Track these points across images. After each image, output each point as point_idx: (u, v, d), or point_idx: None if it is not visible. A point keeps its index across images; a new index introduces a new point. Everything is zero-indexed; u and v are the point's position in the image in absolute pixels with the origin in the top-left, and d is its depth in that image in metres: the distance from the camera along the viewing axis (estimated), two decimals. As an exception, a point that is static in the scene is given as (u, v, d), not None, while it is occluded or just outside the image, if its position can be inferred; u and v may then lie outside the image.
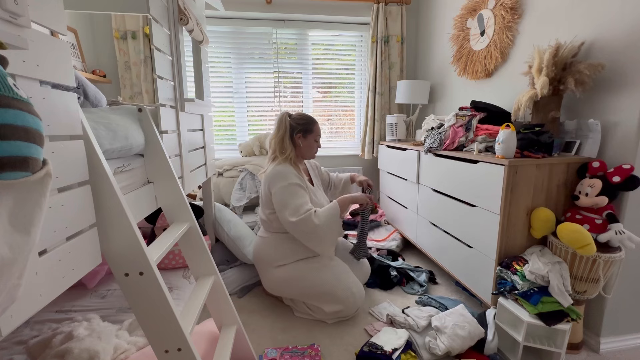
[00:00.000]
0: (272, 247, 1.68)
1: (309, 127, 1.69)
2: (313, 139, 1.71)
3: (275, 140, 1.67)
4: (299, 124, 1.67)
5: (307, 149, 1.71)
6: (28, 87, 0.54)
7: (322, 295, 1.59)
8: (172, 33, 1.33)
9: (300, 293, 1.64)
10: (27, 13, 0.53)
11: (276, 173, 1.60)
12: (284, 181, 1.57)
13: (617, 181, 1.26)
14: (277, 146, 1.66)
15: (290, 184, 1.57)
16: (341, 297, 1.58)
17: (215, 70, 2.87)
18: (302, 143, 1.68)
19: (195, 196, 2.52)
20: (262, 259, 1.72)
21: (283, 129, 1.65)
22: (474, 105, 1.84)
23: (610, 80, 1.35)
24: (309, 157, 1.76)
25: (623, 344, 1.46)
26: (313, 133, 1.71)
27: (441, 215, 1.89)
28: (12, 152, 0.41)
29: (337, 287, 1.59)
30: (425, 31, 2.85)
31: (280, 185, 1.56)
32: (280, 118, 1.67)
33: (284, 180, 1.57)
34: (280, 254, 1.66)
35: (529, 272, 1.32)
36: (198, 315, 0.93)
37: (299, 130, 1.66)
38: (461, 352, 1.36)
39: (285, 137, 1.65)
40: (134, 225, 0.75)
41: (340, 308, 1.58)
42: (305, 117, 1.71)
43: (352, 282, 1.64)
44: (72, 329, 1.09)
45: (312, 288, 1.60)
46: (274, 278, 1.67)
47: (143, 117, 1.06)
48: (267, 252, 1.69)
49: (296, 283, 1.62)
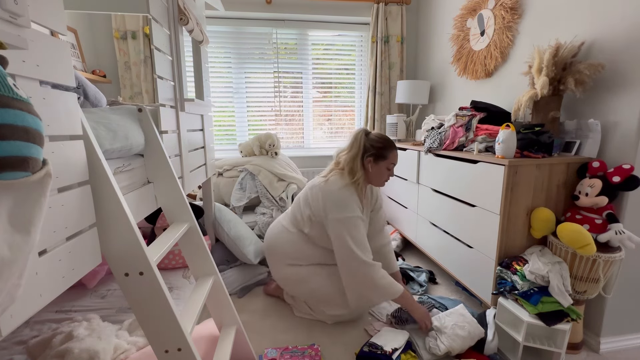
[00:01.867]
0: (294, 245, 1.61)
1: (383, 152, 1.50)
2: (385, 166, 1.52)
3: (346, 159, 1.52)
4: (373, 147, 1.50)
5: (376, 177, 1.54)
6: (28, 87, 0.54)
7: (327, 300, 1.58)
8: (172, 33, 1.33)
9: (305, 294, 1.63)
10: (27, 13, 0.53)
11: (342, 198, 1.46)
12: (348, 212, 1.44)
13: (617, 181, 1.26)
14: (347, 165, 1.51)
15: (354, 217, 1.45)
16: (345, 304, 1.55)
17: (215, 70, 2.87)
18: (371, 169, 1.51)
19: (195, 196, 2.52)
20: (279, 251, 1.66)
21: (357, 148, 1.49)
22: (474, 105, 1.84)
23: (610, 80, 1.35)
24: (377, 184, 1.59)
25: (623, 344, 1.46)
26: (387, 160, 1.51)
27: (441, 215, 1.89)
28: (12, 152, 0.41)
29: (343, 294, 1.55)
30: (425, 31, 2.85)
31: (344, 216, 1.44)
32: (356, 135, 1.51)
33: (348, 210, 1.45)
34: (299, 254, 1.61)
35: (529, 272, 1.32)
36: (198, 315, 0.93)
37: (371, 154, 1.49)
38: (461, 352, 1.36)
39: (357, 158, 1.49)
40: (134, 225, 0.75)
41: (342, 312, 1.57)
42: (384, 141, 1.52)
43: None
44: (72, 329, 1.09)
45: (318, 291, 1.58)
46: (286, 274, 1.65)
47: (143, 117, 1.06)
48: (287, 247, 1.63)
49: (305, 284, 1.60)
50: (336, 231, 1.46)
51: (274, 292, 1.84)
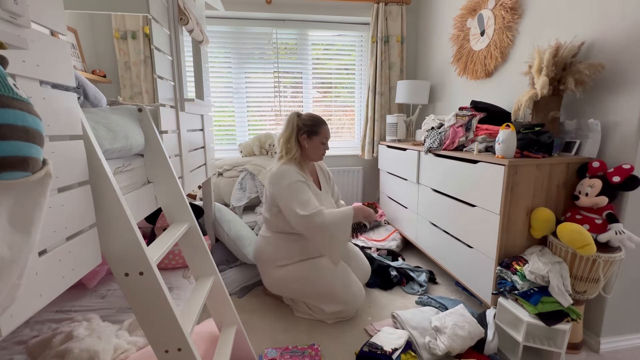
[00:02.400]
0: (274, 247, 1.68)
1: (315, 128, 1.66)
2: (319, 141, 1.67)
3: (283, 139, 1.66)
4: (305, 125, 1.65)
5: (313, 151, 1.68)
6: (28, 87, 0.54)
7: (323, 296, 1.59)
8: (172, 33, 1.33)
9: (300, 293, 1.65)
10: (27, 13, 0.53)
11: (280, 172, 1.60)
12: (287, 179, 1.56)
13: (617, 181, 1.26)
14: (283, 146, 1.66)
15: (294, 182, 1.56)
16: (342, 297, 1.58)
17: (215, 70, 2.87)
18: (307, 145, 1.65)
19: (195, 196, 2.52)
20: (264, 258, 1.72)
21: (290, 129, 1.65)
22: (474, 105, 1.84)
23: (610, 80, 1.35)
24: (315, 159, 1.73)
25: (623, 344, 1.46)
26: (319, 135, 1.67)
27: (441, 215, 1.89)
28: (12, 152, 0.41)
29: (337, 287, 1.59)
30: (425, 31, 2.85)
31: (285, 184, 1.55)
32: (289, 118, 1.66)
33: (287, 178, 1.57)
34: (281, 254, 1.66)
35: (529, 272, 1.32)
36: (198, 315, 0.93)
37: (304, 132, 1.64)
38: (461, 352, 1.36)
39: (291, 138, 1.64)
40: (134, 225, 0.75)
41: (340, 308, 1.58)
42: (314, 119, 1.68)
43: (353, 282, 1.64)
44: (72, 329, 1.09)
45: (312, 288, 1.60)
46: (275, 277, 1.67)
47: (143, 117, 1.06)
48: (269, 251, 1.69)
49: (297, 283, 1.62)
50: (284, 203, 1.55)
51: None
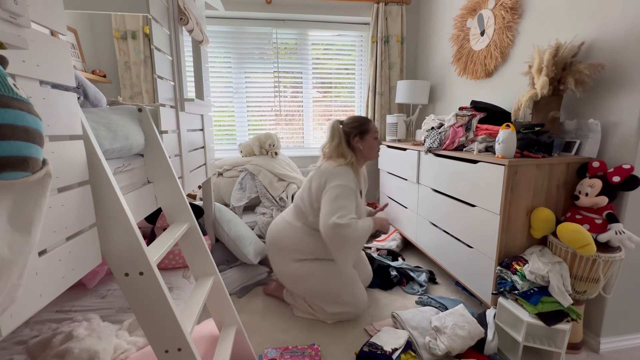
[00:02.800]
0: (299, 239, 1.64)
1: (363, 127, 1.63)
2: (372, 137, 1.65)
3: (330, 148, 1.63)
4: (353, 128, 1.63)
5: (369, 150, 1.65)
6: (28, 87, 0.54)
7: (328, 296, 1.60)
8: (172, 33, 1.33)
9: (308, 290, 1.64)
10: (27, 13, 0.53)
11: (339, 172, 1.55)
12: (343, 181, 1.52)
13: (617, 181, 1.26)
14: (333, 152, 1.62)
15: (349, 187, 1.52)
16: (346, 301, 1.59)
17: (215, 70, 2.87)
18: (361, 146, 1.63)
19: (195, 196, 2.52)
20: (283, 246, 1.68)
21: (337, 137, 1.62)
22: (474, 105, 1.83)
23: (610, 80, 1.35)
24: (372, 157, 1.68)
25: (623, 344, 1.46)
26: (370, 132, 1.64)
27: (441, 215, 1.89)
28: (12, 152, 0.41)
29: (344, 291, 1.59)
30: (425, 31, 2.85)
31: (339, 183, 1.51)
32: (332, 127, 1.64)
33: (344, 180, 1.53)
34: (304, 248, 1.63)
35: (529, 272, 1.32)
36: (198, 315, 0.93)
37: (355, 134, 1.62)
38: (461, 352, 1.36)
39: (341, 144, 1.62)
40: (134, 225, 0.75)
41: (342, 310, 1.59)
42: (358, 119, 1.66)
43: (359, 289, 1.64)
44: (72, 329, 1.09)
45: (320, 287, 1.60)
46: (288, 270, 1.66)
47: (143, 117, 1.06)
48: (292, 241, 1.66)
49: (307, 280, 1.62)
50: (327, 199, 1.51)
51: (274, 292, 1.84)
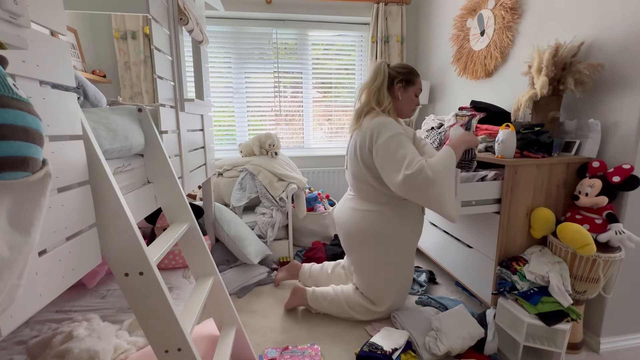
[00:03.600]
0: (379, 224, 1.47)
1: (412, 77, 1.49)
2: (414, 92, 1.50)
3: (370, 90, 1.47)
4: (400, 73, 1.48)
5: (406, 104, 1.50)
6: (28, 87, 0.54)
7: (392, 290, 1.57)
8: (172, 33, 1.33)
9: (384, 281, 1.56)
10: (27, 13, 0.53)
11: (379, 123, 1.39)
12: (389, 131, 1.35)
13: (617, 181, 1.26)
14: (372, 97, 1.46)
15: (397, 134, 1.34)
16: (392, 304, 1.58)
17: (215, 70, 2.87)
18: (401, 95, 1.47)
19: (195, 196, 2.52)
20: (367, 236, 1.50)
21: (381, 77, 1.46)
22: (473, 105, 1.83)
23: (610, 80, 1.35)
24: (406, 115, 1.54)
25: (623, 344, 1.46)
26: (415, 85, 1.50)
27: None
28: (12, 152, 0.41)
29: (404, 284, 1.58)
30: (425, 31, 2.85)
31: (387, 136, 1.34)
32: (378, 66, 1.48)
33: (389, 130, 1.35)
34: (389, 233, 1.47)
35: (529, 272, 1.32)
36: (198, 315, 0.93)
37: (400, 80, 1.47)
38: (461, 352, 1.36)
39: (382, 87, 1.45)
40: (134, 225, 0.75)
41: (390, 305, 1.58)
42: (408, 67, 1.52)
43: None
44: (72, 329, 1.09)
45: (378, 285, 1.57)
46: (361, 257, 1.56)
47: (143, 117, 1.06)
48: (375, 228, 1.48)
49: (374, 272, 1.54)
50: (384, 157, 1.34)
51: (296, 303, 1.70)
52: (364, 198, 1.53)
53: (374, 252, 1.52)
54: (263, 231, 2.23)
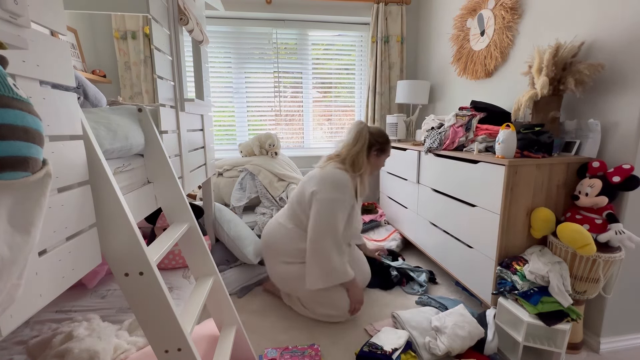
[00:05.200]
0: (291, 241, 1.64)
1: (386, 147, 1.65)
2: (385, 159, 1.68)
3: (350, 152, 1.59)
4: (377, 142, 1.61)
5: (375, 168, 1.67)
6: (28, 87, 0.54)
7: (321, 299, 1.59)
8: (172, 33, 1.33)
9: (300, 291, 1.64)
10: (27, 13, 0.53)
11: (337, 180, 1.53)
12: (342, 194, 1.52)
13: (617, 181, 1.26)
14: (349, 159, 1.59)
15: (346, 202, 1.53)
16: (339, 305, 1.58)
17: (215, 70, 2.87)
18: (374, 161, 1.63)
19: (195, 196, 2.52)
20: (274, 248, 1.69)
21: (362, 142, 1.58)
22: (474, 105, 1.83)
23: (610, 80, 1.35)
24: (372, 174, 1.70)
25: (623, 344, 1.46)
26: (386, 154, 1.66)
27: (441, 215, 1.89)
28: (12, 152, 0.41)
29: (337, 294, 1.58)
30: (425, 31, 2.85)
31: (338, 197, 1.51)
32: (361, 130, 1.59)
33: (343, 194, 1.52)
34: (294, 250, 1.63)
35: (529, 272, 1.32)
36: (198, 315, 0.93)
37: (377, 149, 1.61)
38: (461, 352, 1.36)
39: (362, 152, 1.58)
40: (134, 225, 0.74)
41: (332, 313, 1.59)
42: (385, 136, 1.65)
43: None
44: (72, 329, 1.09)
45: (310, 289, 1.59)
46: (281, 271, 1.67)
47: (143, 117, 1.05)
48: (282, 244, 1.65)
49: (299, 282, 1.61)
50: (322, 209, 1.51)
51: (273, 288, 1.85)
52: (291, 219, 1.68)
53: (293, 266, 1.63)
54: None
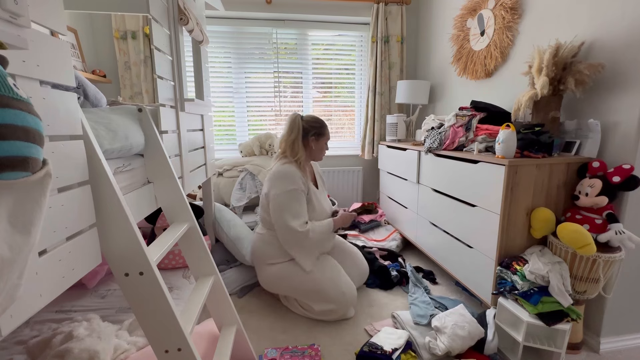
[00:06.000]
0: (267, 244, 1.70)
1: (322, 130, 1.72)
2: (324, 142, 1.75)
3: (287, 142, 1.67)
4: (313, 127, 1.69)
5: (319, 152, 1.75)
6: (28, 87, 0.54)
7: (312, 294, 1.61)
8: (172, 33, 1.33)
9: (292, 291, 1.67)
10: (27, 13, 0.53)
11: (283, 173, 1.61)
12: (289, 184, 1.59)
13: (617, 181, 1.26)
14: (288, 148, 1.67)
15: (294, 190, 1.59)
16: (331, 296, 1.58)
17: (215, 70, 2.87)
18: (314, 146, 1.71)
19: (195, 196, 2.52)
20: (257, 255, 1.75)
21: (296, 131, 1.66)
22: (474, 105, 1.83)
23: (610, 80, 1.35)
24: (319, 159, 1.79)
25: (623, 344, 1.46)
26: (325, 137, 1.74)
27: (441, 215, 1.89)
28: (12, 152, 0.41)
29: (327, 286, 1.59)
30: (425, 31, 2.85)
31: (286, 188, 1.58)
32: (293, 120, 1.67)
33: (289, 183, 1.59)
34: (273, 252, 1.68)
35: (529, 272, 1.32)
36: (198, 315, 0.93)
37: (313, 134, 1.69)
38: (461, 352, 1.36)
39: (297, 140, 1.66)
40: (134, 225, 0.75)
41: (330, 307, 1.58)
42: (319, 121, 1.73)
43: (343, 282, 1.64)
44: (72, 329, 1.09)
45: (302, 286, 1.62)
46: (267, 275, 1.70)
47: (143, 117, 1.06)
48: (262, 249, 1.72)
49: (287, 281, 1.65)
50: (276, 208, 1.59)
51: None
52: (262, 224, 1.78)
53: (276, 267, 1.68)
54: (263, 231, 2.23)
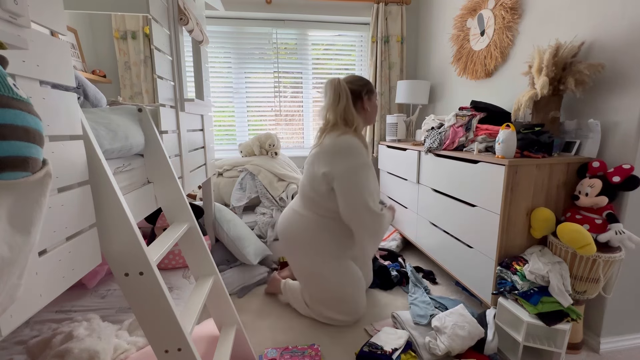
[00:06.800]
0: (311, 233, 1.52)
1: (371, 86, 1.49)
2: (376, 97, 1.53)
3: (337, 112, 1.44)
4: (362, 86, 1.47)
5: (374, 112, 1.52)
6: (28, 87, 0.54)
7: (332, 301, 1.56)
8: (172, 33, 1.33)
9: (313, 288, 1.59)
10: (27, 13, 0.53)
11: (346, 147, 1.38)
12: (357, 157, 1.37)
13: (617, 181, 1.26)
14: (339, 119, 1.44)
15: (365, 164, 1.38)
16: (348, 310, 1.56)
17: (215, 70, 2.87)
18: (369, 107, 1.48)
19: (195, 196, 2.52)
20: (294, 238, 1.57)
21: (345, 97, 1.43)
22: (474, 105, 1.83)
23: (610, 80, 1.35)
24: (373, 121, 1.56)
25: (623, 344, 1.46)
26: (374, 92, 1.52)
27: (441, 215, 1.89)
28: (12, 152, 0.41)
29: (349, 299, 1.55)
30: (425, 31, 2.85)
31: (356, 163, 1.36)
32: (337, 85, 1.44)
33: (357, 156, 1.37)
34: (317, 244, 1.52)
35: (529, 272, 1.32)
36: (198, 315, 0.93)
37: (365, 92, 1.46)
38: (461, 352, 1.36)
39: (348, 106, 1.44)
40: (134, 225, 0.75)
41: (341, 318, 1.57)
42: (362, 78, 1.52)
43: (363, 300, 1.61)
44: (72, 329, 1.09)
45: (327, 291, 1.56)
46: (301, 265, 1.60)
47: (143, 117, 1.06)
48: (304, 234, 1.54)
49: (317, 280, 1.56)
50: (350, 188, 1.37)
51: (274, 290, 1.84)
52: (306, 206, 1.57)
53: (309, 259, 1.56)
54: (263, 231, 2.23)
